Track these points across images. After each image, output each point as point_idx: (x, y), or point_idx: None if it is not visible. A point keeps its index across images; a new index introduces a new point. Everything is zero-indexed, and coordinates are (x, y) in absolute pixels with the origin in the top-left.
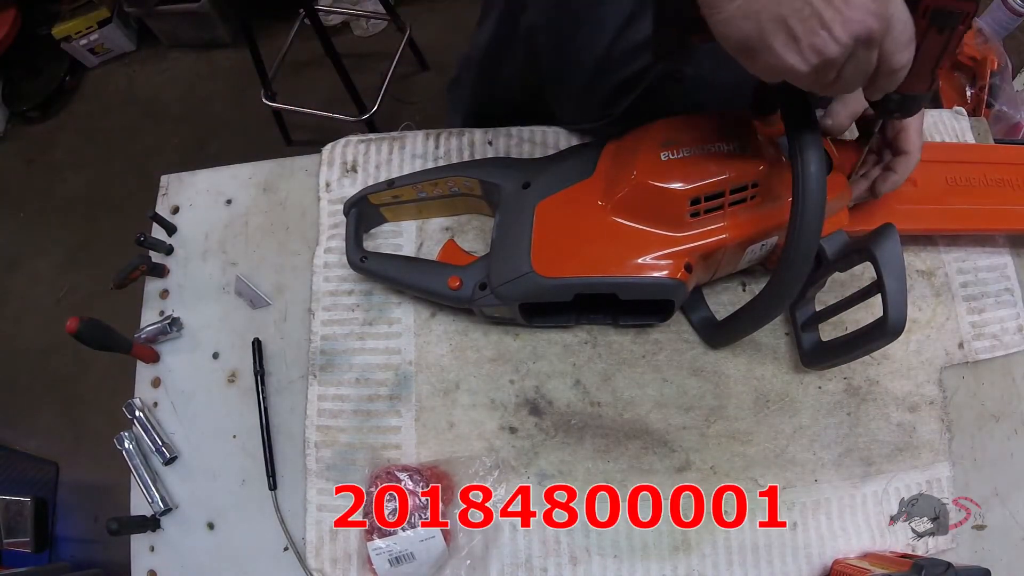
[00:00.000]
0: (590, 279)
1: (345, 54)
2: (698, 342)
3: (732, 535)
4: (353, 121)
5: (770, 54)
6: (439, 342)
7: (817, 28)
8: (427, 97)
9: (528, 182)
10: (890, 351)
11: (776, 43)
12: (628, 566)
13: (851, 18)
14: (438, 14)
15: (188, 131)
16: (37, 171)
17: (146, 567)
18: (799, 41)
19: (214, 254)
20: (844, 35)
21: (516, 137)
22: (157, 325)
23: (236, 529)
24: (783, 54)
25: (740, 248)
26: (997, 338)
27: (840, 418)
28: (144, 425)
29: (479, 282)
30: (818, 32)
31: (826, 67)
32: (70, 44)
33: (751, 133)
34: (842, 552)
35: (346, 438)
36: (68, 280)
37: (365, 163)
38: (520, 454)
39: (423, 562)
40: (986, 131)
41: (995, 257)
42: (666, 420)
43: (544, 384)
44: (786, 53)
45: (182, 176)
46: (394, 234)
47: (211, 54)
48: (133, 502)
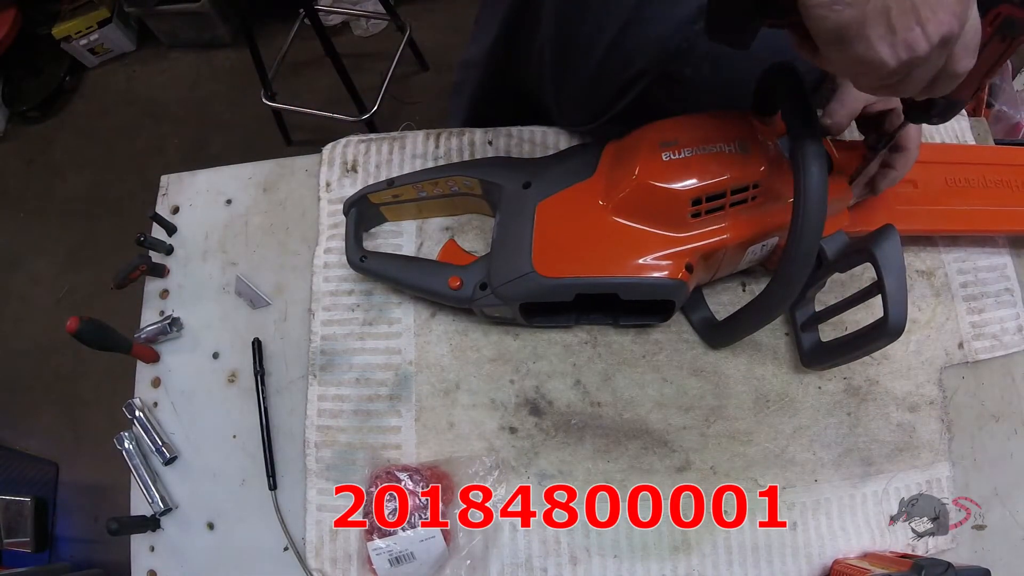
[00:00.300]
0: (591, 279)
1: (345, 54)
2: (698, 342)
3: (732, 535)
4: (353, 121)
5: (864, 44)
6: (439, 342)
7: (913, 23)
8: (427, 97)
9: (528, 182)
10: (890, 351)
11: (874, 34)
12: (628, 566)
13: (942, 19)
14: (438, 14)
15: (188, 131)
16: (37, 171)
17: (146, 567)
18: (895, 34)
19: (214, 254)
20: (935, 33)
21: (516, 137)
22: (157, 325)
23: (236, 529)
24: (878, 46)
25: (741, 248)
26: (997, 338)
27: (840, 418)
28: (144, 425)
29: (479, 282)
30: (913, 27)
31: (910, 64)
32: (70, 44)
33: (752, 133)
34: (842, 552)
35: (346, 438)
36: (68, 280)
37: (365, 163)
38: (520, 454)
39: (423, 562)
40: (986, 131)
41: (995, 257)
42: (666, 420)
43: (544, 384)
44: (880, 45)
45: (182, 176)
46: (394, 233)
47: (211, 54)
48: (133, 502)
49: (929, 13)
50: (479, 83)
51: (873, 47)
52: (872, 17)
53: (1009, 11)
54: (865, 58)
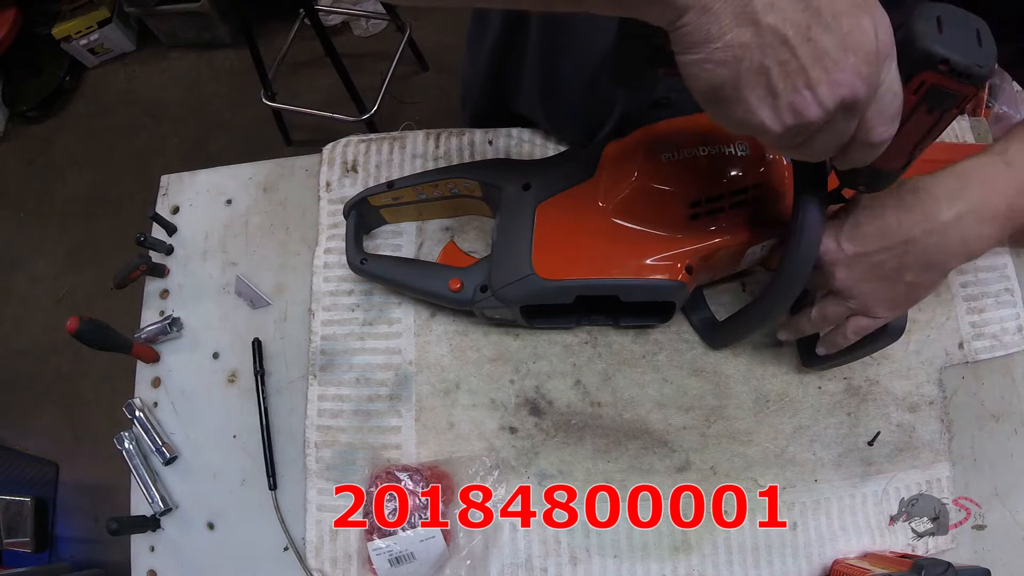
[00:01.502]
0: (591, 281)
1: (345, 54)
2: (698, 342)
3: (732, 535)
4: (353, 121)
5: (742, 107)
6: (439, 342)
7: (800, 86)
8: (427, 97)
9: (528, 184)
10: (890, 351)
11: (752, 96)
12: (628, 566)
13: (839, 80)
14: (438, 14)
15: (188, 131)
16: (37, 171)
17: (146, 567)
18: (778, 97)
19: (214, 254)
20: (829, 98)
21: (516, 138)
22: (157, 325)
23: (236, 529)
24: (757, 109)
25: (741, 249)
26: (997, 338)
27: (840, 418)
28: (144, 425)
29: (480, 284)
30: (801, 91)
31: (800, 130)
32: (70, 44)
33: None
34: (842, 552)
35: (346, 438)
36: (68, 280)
37: (365, 163)
38: (520, 454)
39: (423, 562)
40: (986, 131)
41: (995, 257)
42: (666, 420)
43: (544, 384)
44: (760, 108)
45: (182, 176)
46: (394, 234)
47: (211, 54)
48: (133, 502)
49: (821, 74)
50: (477, 102)
51: (752, 110)
52: (748, 78)
53: (934, 80)
54: (746, 121)
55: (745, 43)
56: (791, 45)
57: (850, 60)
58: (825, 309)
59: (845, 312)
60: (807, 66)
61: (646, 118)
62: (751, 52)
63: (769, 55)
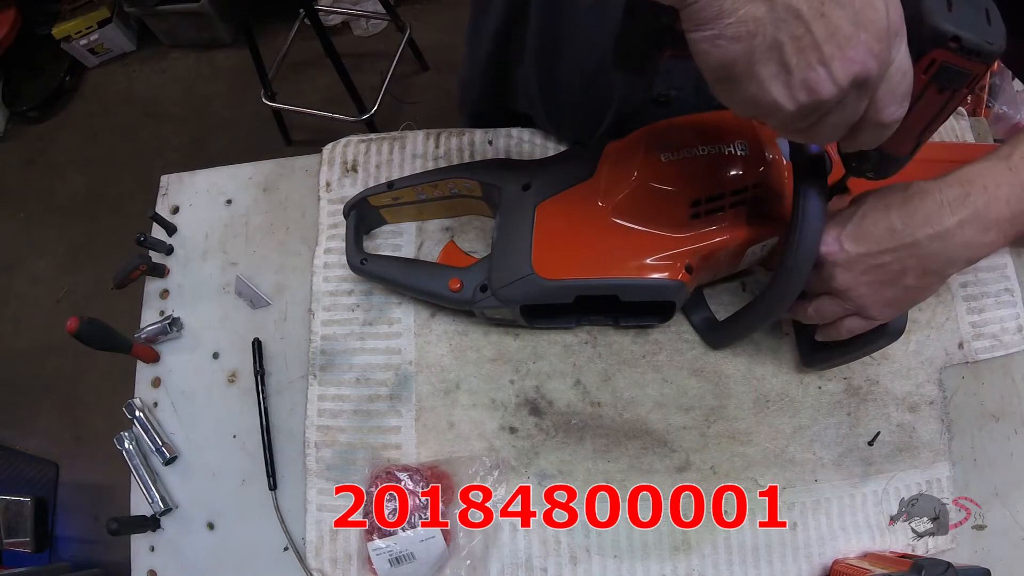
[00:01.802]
0: (591, 281)
1: (345, 54)
2: (698, 342)
3: (732, 535)
4: (353, 121)
5: (755, 84)
6: (439, 342)
7: (815, 62)
8: (427, 97)
9: (528, 183)
10: (890, 351)
11: (764, 72)
12: (628, 566)
13: (852, 57)
14: (438, 14)
15: (188, 131)
16: (37, 171)
17: (146, 567)
18: (791, 74)
19: (214, 254)
20: (843, 75)
21: (516, 138)
22: (157, 325)
23: (236, 529)
24: (770, 86)
25: (741, 249)
26: (997, 338)
27: (840, 418)
28: (144, 425)
29: (480, 284)
30: (815, 67)
31: (813, 108)
32: (70, 44)
33: (751, 134)
34: (842, 552)
35: (346, 438)
36: (68, 280)
37: (365, 163)
38: (520, 454)
39: (423, 562)
40: (986, 131)
41: (995, 257)
42: (666, 420)
43: (544, 384)
44: (773, 85)
45: (182, 176)
46: (394, 234)
47: (211, 54)
48: (133, 502)
49: (835, 50)
50: (476, 100)
51: (765, 88)
52: (761, 53)
53: (944, 57)
54: (758, 99)
55: (759, 18)
56: (805, 20)
57: (862, 37)
58: (822, 307)
59: (841, 312)
60: (821, 41)
61: (646, 117)
62: (765, 27)
63: (783, 30)
